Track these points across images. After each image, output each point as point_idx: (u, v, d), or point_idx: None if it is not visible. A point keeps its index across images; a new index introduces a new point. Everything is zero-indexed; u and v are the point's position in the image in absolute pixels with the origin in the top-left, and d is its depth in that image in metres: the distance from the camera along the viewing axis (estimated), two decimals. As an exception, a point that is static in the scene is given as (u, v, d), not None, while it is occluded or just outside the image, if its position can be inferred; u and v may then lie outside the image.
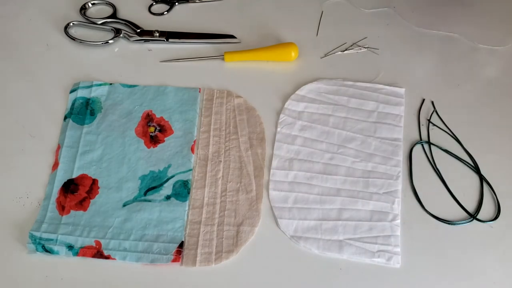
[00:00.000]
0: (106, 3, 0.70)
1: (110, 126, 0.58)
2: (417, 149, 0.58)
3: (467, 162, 0.56)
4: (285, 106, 0.60)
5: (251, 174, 0.55)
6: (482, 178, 0.55)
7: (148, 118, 0.59)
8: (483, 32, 0.67)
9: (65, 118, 0.59)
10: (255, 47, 0.64)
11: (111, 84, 0.61)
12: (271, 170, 0.56)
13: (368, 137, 0.58)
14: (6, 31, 0.67)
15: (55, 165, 0.55)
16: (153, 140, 0.57)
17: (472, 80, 0.63)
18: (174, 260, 0.50)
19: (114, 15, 0.68)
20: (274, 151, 0.57)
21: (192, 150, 0.57)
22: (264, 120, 0.59)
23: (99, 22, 0.68)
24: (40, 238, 0.50)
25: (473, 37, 0.67)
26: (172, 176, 0.55)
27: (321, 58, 0.65)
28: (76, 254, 0.50)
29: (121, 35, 0.66)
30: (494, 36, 0.67)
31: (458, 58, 0.65)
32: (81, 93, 0.60)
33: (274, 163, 0.56)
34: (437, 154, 0.57)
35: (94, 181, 0.55)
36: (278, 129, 0.59)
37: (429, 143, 0.58)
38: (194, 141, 0.57)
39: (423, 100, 0.61)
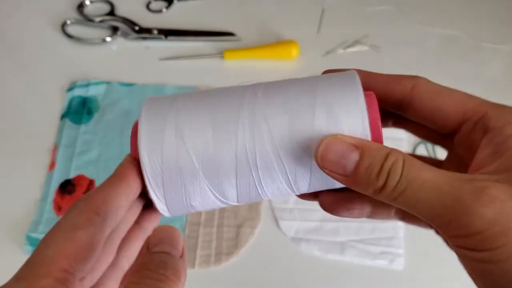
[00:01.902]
0: (104, 1, 0.69)
1: (108, 126, 0.57)
2: (420, 149, 0.57)
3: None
4: (286, 105, 0.59)
5: (251, 174, 0.54)
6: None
7: (147, 117, 0.58)
8: (487, 30, 0.66)
9: (62, 117, 0.58)
10: (255, 45, 0.63)
11: (108, 82, 0.61)
12: (272, 170, 0.55)
13: (370, 136, 0.57)
14: (2, 30, 0.67)
15: (52, 165, 0.55)
16: (152, 140, 0.57)
17: (475, 79, 0.62)
18: (173, 262, 0.49)
19: (112, 13, 0.67)
20: (274, 151, 0.56)
21: (191, 150, 0.56)
22: (264, 119, 0.58)
23: (97, 20, 0.67)
24: (37, 239, 0.50)
25: (476, 35, 0.66)
26: (171, 177, 0.54)
27: (323, 56, 0.64)
28: (73, 256, 0.49)
29: (119, 33, 0.65)
30: (498, 34, 0.66)
31: (461, 56, 0.64)
32: (78, 92, 0.60)
33: (275, 163, 0.55)
34: (440, 154, 0.56)
35: (91, 182, 0.54)
36: (279, 128, 0.58)
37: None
38: (193, 141, 0.57)
39: (426, 99, 0.60)
